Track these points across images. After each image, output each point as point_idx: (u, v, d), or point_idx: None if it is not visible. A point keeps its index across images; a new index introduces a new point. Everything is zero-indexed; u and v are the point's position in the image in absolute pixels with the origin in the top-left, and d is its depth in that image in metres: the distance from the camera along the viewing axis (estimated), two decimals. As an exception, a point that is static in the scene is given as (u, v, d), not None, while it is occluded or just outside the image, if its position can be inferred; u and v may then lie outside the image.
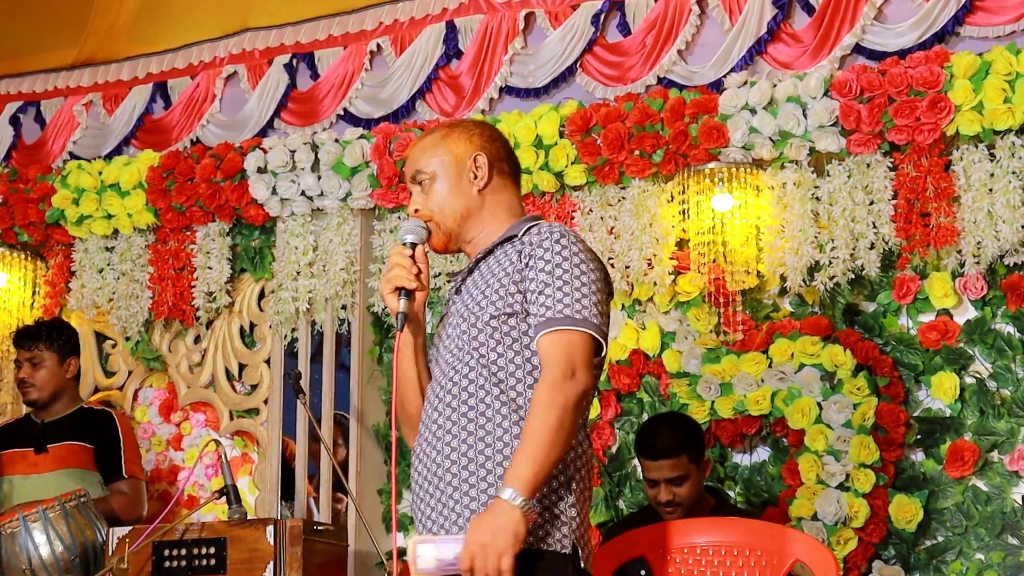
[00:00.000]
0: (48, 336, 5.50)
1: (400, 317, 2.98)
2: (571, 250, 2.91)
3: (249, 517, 4.62)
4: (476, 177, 3.07)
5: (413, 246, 3.03)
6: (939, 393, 4.72)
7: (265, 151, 5.59)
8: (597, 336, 2.86)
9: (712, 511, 4.46)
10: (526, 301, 2.91)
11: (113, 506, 5.23)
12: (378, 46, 5.74)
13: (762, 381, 4.85)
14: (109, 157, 6.07)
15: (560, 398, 2.79)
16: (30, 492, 5.17)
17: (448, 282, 3.26)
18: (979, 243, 4.55)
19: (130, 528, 4.60)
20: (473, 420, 2.88)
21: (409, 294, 3.00)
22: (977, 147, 4.58)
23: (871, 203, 4.69)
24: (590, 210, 5.09)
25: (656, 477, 4.42)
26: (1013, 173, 4.52)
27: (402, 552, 5.12)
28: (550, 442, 2.76)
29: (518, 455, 2.76)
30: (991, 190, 4.55)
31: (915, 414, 4.73)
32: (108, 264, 5.91)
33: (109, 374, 6.01)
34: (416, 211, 3.07)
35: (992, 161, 4.57)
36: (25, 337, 5.54)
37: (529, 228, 3.00)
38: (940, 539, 4.65)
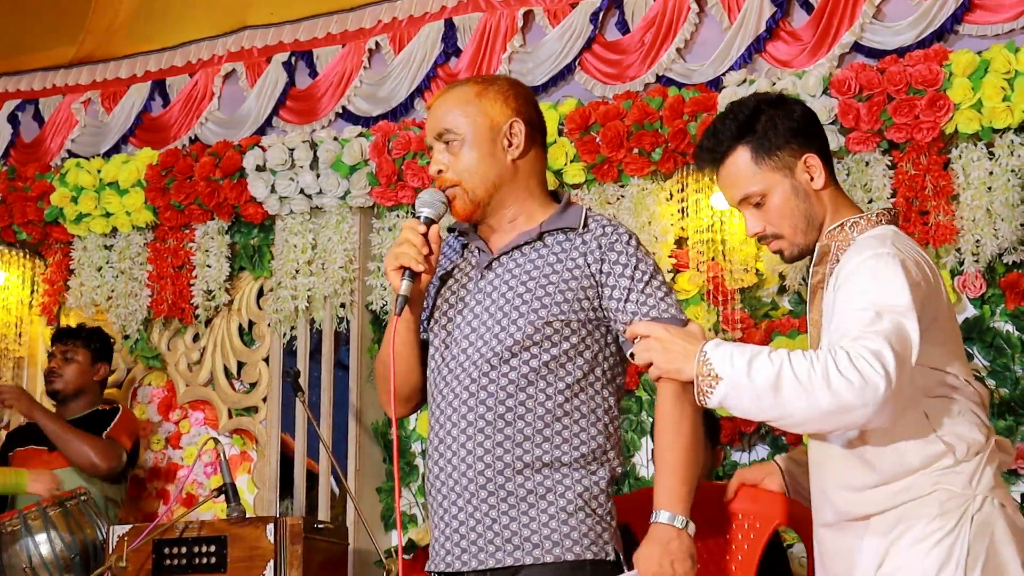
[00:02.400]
0: (87, 336, 5.55)
1: (400, 300, 2.75)
2: (642, 250, 2.81)
3: (248, 515, 4.62)
4: (511, 145, 2.81)
5: (429, 223, 2.77)
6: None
7: (264, 149, 5.59)
8: None
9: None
10: (593, 309, 2.75)
11: (87, 442, 5.21)
12: (377, 44, 5.74)
13: (761, 379, 4.84)
14: (108, 155, 6.07)
15: (688, 407, 2.68)
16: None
17: (457, 238, 2.95)
18: (978, 241, 4.55)
19: (130, 527, 4.61)
20: (513, 424, 2.70)
21: (414, 275, 2.75)
22: (976, 145, 4.59)
23: (870, 201, 4.69)
24: (589, 208, 5.08)
25: None
26: (1012, 171, 4.52)
27: (408, 548, 5.14)
28: (692, 453, 2.68)
29: (665, 474, 2.65)
30: (990, 188, 4.55)
31: (914, 412, 4.74)
32: (107, 262, 5.91)
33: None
34: (440, 172, 2.81)
35: (991, 159, 4.57)
36: (64, 334, 5.59)
37: (587, 222, 2.81)
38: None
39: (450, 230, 2.99)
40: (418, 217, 2.79)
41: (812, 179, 2.77)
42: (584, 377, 2.75)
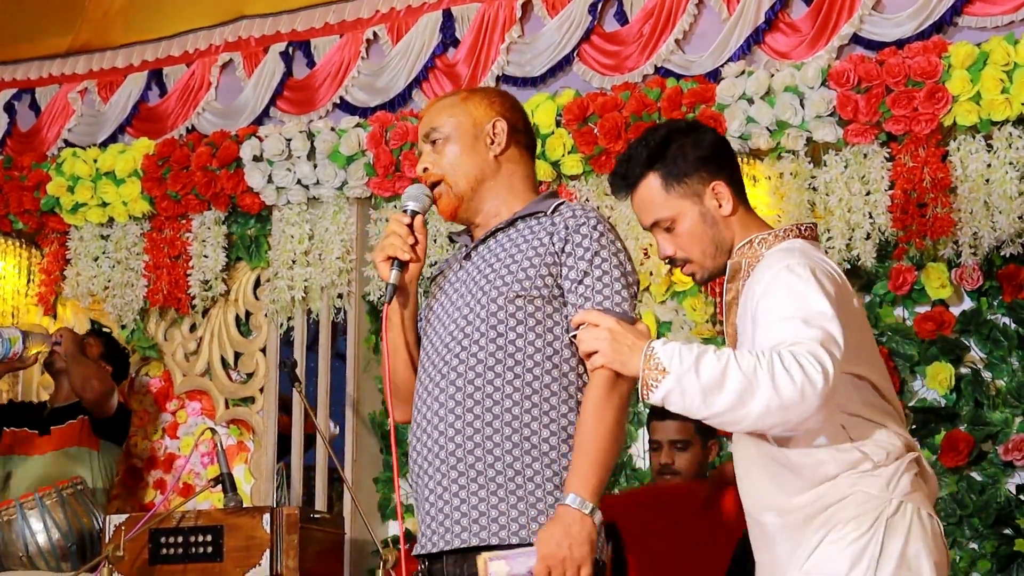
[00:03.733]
0: (110, 345, 5.55)
1: (389, 288, 2.83)
2: (608, 238, 2.82)
3: (244, 505, 4.62)
4: (493, 143, 2.90)
5: (414, 214, 2.87)
6: (934, 384, 4.73)
7: (261, 139, 5.58)
8: None
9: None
10: (557, 287, 2.79)
11: (90, 370, 5.24)
12: (375, 34, 5.74)
13: (758, 371, 4.85)
14: (104, 145, 6.06)
15: (616, 398, 2.69)
16: (30, 471, 5.17)
17: (454, 243, 3.06)
18: (975, 234, 4.55)
19: (127, 516, 4.60)
20: (482, 403, 2.73)
21: (403, 265, 2.84)
22: (974, 137, 4.59)
23: (868, 193, 4.69)
24: (586, 199, 5.09)
25: (660, 438, 4.38)
26: (1010, 164, 4.53)
27: (407, 538, 5.14)
28: (611, 442, 2.69)
29: (580, 458, 2.66)
30: (988, 181, 4.55)
31: (910, 404, 4.74)
32: (103, 252, 5.90)
33: (105, 362, 6.00)
34: (425, 170, 2.92)
35: (989, 152, 4.57)
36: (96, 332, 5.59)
37: (559, 207, 2.86)
38: (935, 529, 4.66)
39: (451, 240, 3.08)
40: (404, 211, 2.89)
41: (720, 206, 2.84)
42: (555, 354, 2.77)
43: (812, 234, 2.88)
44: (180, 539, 4.47)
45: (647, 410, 4.58)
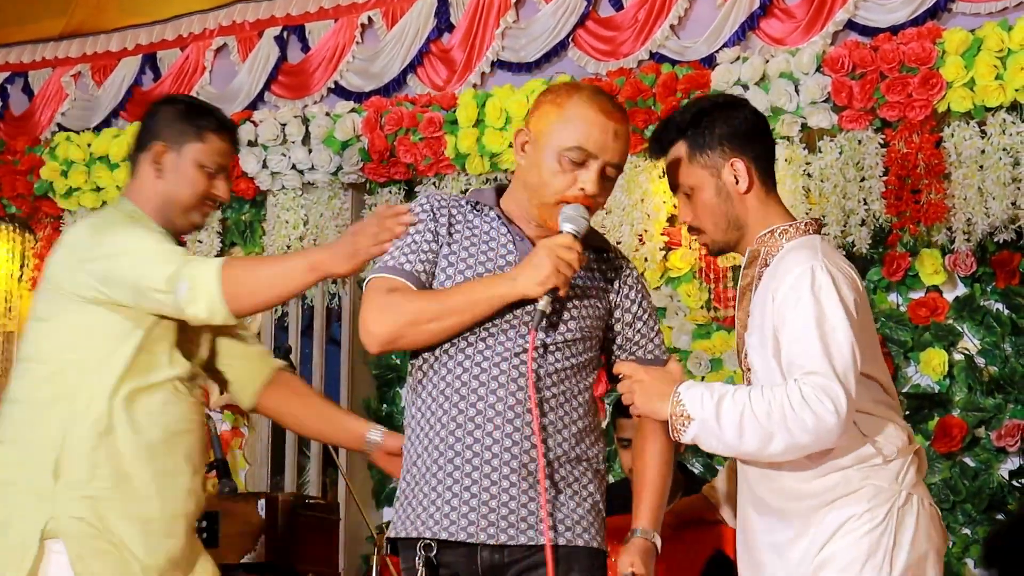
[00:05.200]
0: None
1: (538, 315, 2.68)
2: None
3: (239, 491, 4.63)
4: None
5: (576, 238, 2.70)
6: (928, 369, 4.74)
7: (255, 124, 5.58)
8: None
9: (685, 490, 4.45)
10: (613, 331, 2.87)
11: None
12: (369, 19, 5.72)
13: (752, 357, 4.86)
14: (98, 129, 6.05)
15: (668, 438, 2.83)
16: None
17: (472, 204, 2.89)
18: (969, 220, 4.56)
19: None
20: (567, 412, 2.81)
21: (556, 291, 2.69)
22: (968, 124, 4.59)
23: (862, 179, 4.69)
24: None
25: (630, 436, 4.35)
26: (1004, 150, 4.53)
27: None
28: (670, 478, 2.93)
29: (650, 495, 2.88)
30: (982, 167, 4.56)
31: (904, 390, 4.75)
32: (97, 237, 5.89)
33: (99, 347, 6.00)
34: (593, 196, 2.78)
35: (983, 138, 4.57)
36: None
37: (610, 247, 2.91)
38: (928, 514, 4.67)
39: (465, 200, 2.92)
40: (574, 236, 2.71)
41: (737, 182, 2.89)
42: (590, 386, 2.88)
43: (820, 229, 2.98)
44: (175, 525, 4.47)
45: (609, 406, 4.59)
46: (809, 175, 4.79)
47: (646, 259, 4.99)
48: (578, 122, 2.73)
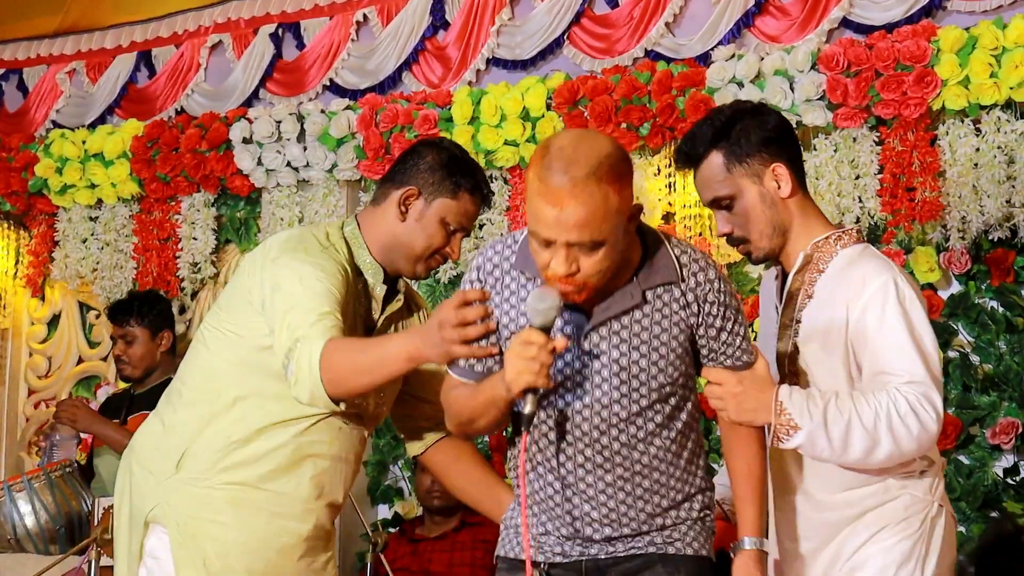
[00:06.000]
0: (139, 311, 5.28)
1: (528, 418, 2.56)
2: (729, 285, 2.82)
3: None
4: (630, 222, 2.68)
5: (547, 330, 2.53)
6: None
7: (250, 121, 5.58)
8: None
9: None
10: (696, 344, 2.73)
11: None
12: (364, 16, 5.73)
13: (747, 354, 4.87)
14: (93, 126, 6.05)
15: (759, 443, 2.83)
16: (113, 465, 5.08)
17: (525, 276, 2.71)
18: (964, 218, 4.56)
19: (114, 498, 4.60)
20: (657, 470, 2.76)
21: (538, 392, 2.57)
22: (963, 122, 4.59)
23: (857, 177, 4.70)
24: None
25: None
26: (998, 148, 4.53)
27: (393, 521, 5.15)
28: (766, 483, 2.87)
29: (751, 505, 2.83)
30: (976, 165, 4.56)
31: (899, 387, 4.75)
32: (92, 234, 5.90)
33: (93, 344, 6.00)
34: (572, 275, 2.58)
35: (978, 136, 4.58)
36: (117, 313, 5.33)
37: (683, 271, 2.67)
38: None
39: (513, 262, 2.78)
40: (536, 327, 2.55)
41: (779, 187, 2.90)
42: (691, 417, 2.78)
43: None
44: (170, 521, 4.46)
45: None
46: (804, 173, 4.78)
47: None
48: (531, 205, 2.53)
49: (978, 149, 4.56)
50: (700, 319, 2.69)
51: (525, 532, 2.70)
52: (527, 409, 2.55)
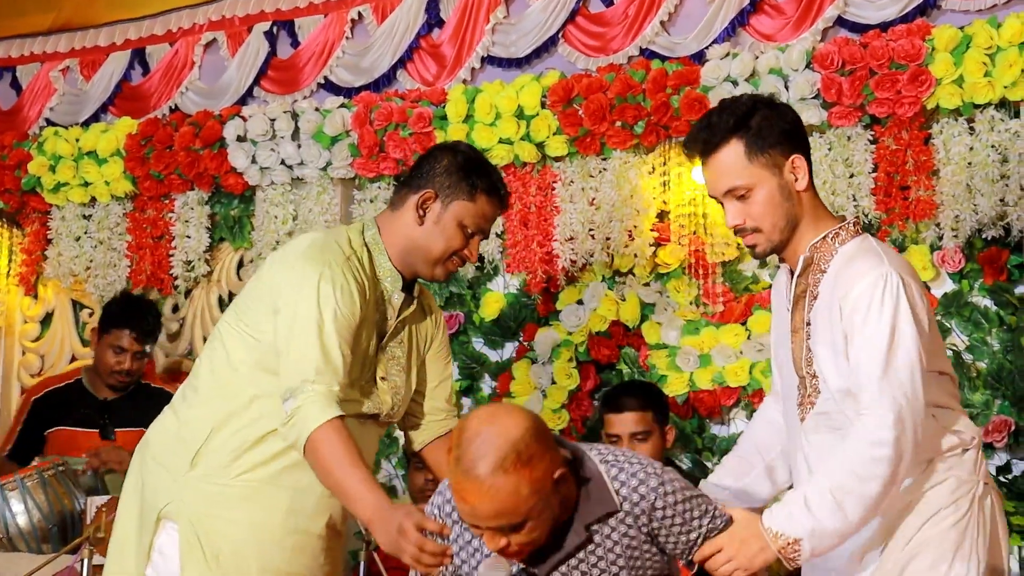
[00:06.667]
0: (155, 330, 5.26)
1: None
2: (673, 479, 2.84)
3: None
4: (561, 484, 2.71)
5: None
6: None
7: (244, 119, 5.57)
8: None
9: None
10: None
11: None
12: (359, 14, 5.72)
13: (741, 353, 4.87)
14: (86, 124, 6.04)
15: None
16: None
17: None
18: (957, 217, 4.57)
19: (108, 497, 4.59)
20: None
21: None
22: (957, 120, 4.60)
23: (851, 176, 4.70)
24: (571, 181, 5.09)
25: (619, 432, 4.36)
26: (992, 147, 4.54)
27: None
28: None
29: None
30: (970, 164, 4.56)
31: (892, 386, 4.75)
32: (85, 232, 5.89)
33: (86, 343, 5.98)
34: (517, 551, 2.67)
35: (971, 135, 4.58)
36: (146, 333, 5.21)
37: (621, 497, 2.73)
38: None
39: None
40: None
41: (796, 180, 2.90)
42: None
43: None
44: (163, 519, 4.45)
45: None
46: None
47: (635, 255, 5.00)
48: (452, 488, 2.65)
49: (972, 148, 4.57)
50: (657, 531, 2.72)
51: None
52: None
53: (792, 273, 2.98)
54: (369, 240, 3.15)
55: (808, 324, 2.88)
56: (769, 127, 2.87)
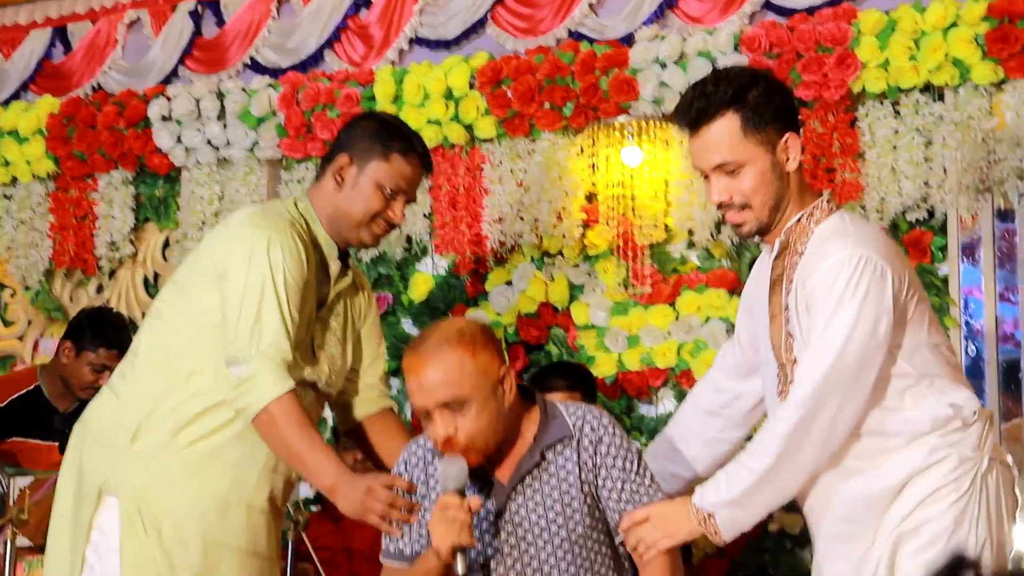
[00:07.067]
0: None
1: None
2: (624, 436, 2.97)
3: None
4: (507, 392, 2.90)
5: (461, 492, 2.78)
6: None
7: (169, 99, 5.51)
8: None
9: None
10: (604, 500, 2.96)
11: None
12: (286, -6, 5.67)
13: (669, 334, 4.90)
14: (7, 102, 5.94)
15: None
16: None
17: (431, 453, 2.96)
18: (882, 199, 4.62)
19: (32, 478, 4.52)
20: None
21: (465, 550, 2.78)
22: (883, 104, 4.65)
23: (778, 158, 4.73)
24: (500, 162, 5.09)
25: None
26: (917, 130, 4.59)
27: (311, 501, 5.10)
28: None
29: None
30: (895, 147, 4.62)
31: (818, 367, 4.80)
32: (7, 212, 5.81)
33: (8, 323, 5.90)
34: (450, 438, 2.82)
35: (896, 118, 4.63)
36: (124, 349, 5.04)
37: (580, 429, 2.94)
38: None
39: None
40: (459, 493, 2.79)
41: (788, 160, 2.82)
42: (616, 564, 2.94)
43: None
44: (88, 502, 4.40)
45: None
46: (795, 149, 4.81)
47: (564, 236, 5.00)
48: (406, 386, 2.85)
49: (897, 131, 4.62)
50: (601, 472, 2.87)
51: None
52: (460, 570, 2.75)
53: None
54: (303, 211, 3.17)
55: (786, 309, 2.83)
56: (766, 102, 2.78)
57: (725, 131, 2.78)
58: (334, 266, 3.18)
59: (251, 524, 3.10)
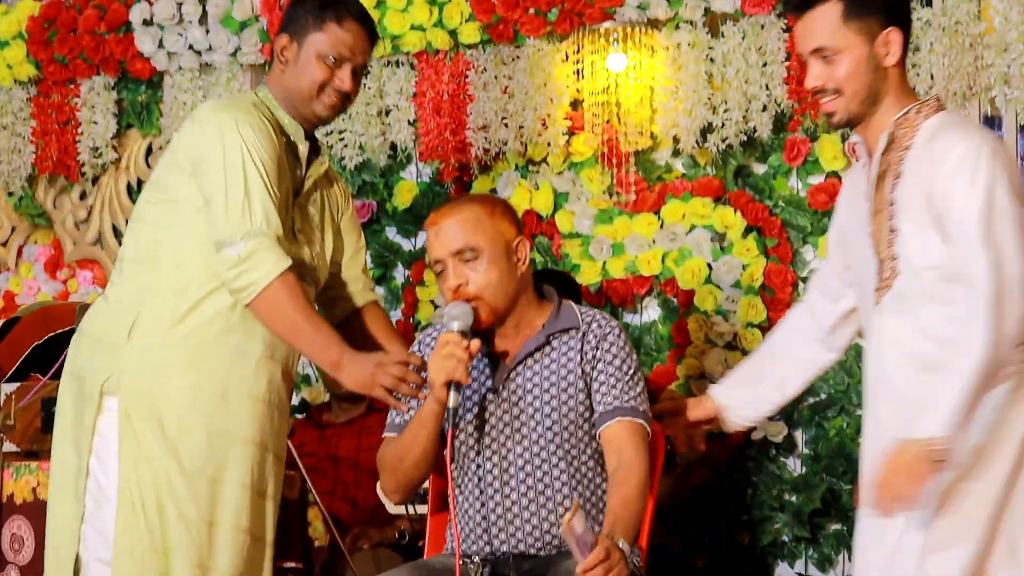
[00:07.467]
0: None
1: (452, 412, 2.93)
2: (628, 344, 3.15)
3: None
4: (520, 261, 3.13)
5: (464, 335, 2.94)
6: (826, 254, 4.79)
7: (151, 3, 5.44)
8: None
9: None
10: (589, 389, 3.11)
11: None
12: None
13: (653, 242, 4.90)
14: (-25, 7, 5.87)
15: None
16: None
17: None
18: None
19: (18, 385, 4.54)
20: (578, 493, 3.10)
21: (459, 387, 2.94)
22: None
23: (764, 65, 4.70)
24: (484, 69, 5.05)
25: None
26: (904, 37, 4.55)
27: (295, 409, 5.15)
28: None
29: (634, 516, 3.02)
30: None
31: (803, 275, 4.81)
32: (-11, 117, 5.76)
33: (-6, 227, 5.89)
34: (460, 287, 3.04)
35: (884, 25, 4.59)
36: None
37: (588, 320, 3.13)
38: (823, 396, 4.76)
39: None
40: (458, 332, 2.95)
41: (888, 53, 2.83)
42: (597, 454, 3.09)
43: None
44: (73, 409, 4.42)
45: None
46: (712, 60, 4.78)
47: (549, 144, 4.98)
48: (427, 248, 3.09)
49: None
50: (598, 366, 3.04)
51: (455, 529, 3.00)
52: (450, 403, 2.89)
53: (870, 156, 2.92)
54: (264, 98, 3.21)
55: (892, 204, 2.83)
56: None
57: (826, 17, 2.80)
58: (303, 147, 3.20)
59: (255, 414, 3.12)
